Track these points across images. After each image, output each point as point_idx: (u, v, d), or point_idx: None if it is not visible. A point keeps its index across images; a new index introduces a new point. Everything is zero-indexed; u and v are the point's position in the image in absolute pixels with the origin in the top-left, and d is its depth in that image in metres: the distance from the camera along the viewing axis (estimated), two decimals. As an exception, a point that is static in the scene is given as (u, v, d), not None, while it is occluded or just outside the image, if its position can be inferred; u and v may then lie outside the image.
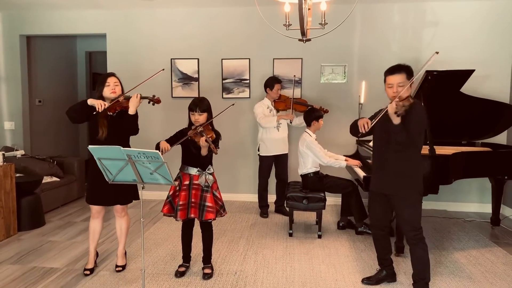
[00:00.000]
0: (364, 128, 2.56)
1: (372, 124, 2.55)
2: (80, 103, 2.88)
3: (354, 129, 2.80)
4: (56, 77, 6.33)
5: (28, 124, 5.56)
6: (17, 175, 4.15)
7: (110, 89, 2.86)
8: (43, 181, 4.51)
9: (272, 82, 4.35)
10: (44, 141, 5.92)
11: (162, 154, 2.62)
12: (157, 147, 2.72)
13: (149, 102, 2.94)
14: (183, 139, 2.73)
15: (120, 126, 2.89)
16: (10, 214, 3.81)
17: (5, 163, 3.78)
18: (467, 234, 3.97)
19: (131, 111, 2.85)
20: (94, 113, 2.77)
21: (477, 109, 3.81)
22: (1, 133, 5.45)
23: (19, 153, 4.56)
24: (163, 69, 3.06)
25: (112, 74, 2.95)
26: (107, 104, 2.79)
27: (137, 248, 3.51)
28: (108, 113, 2.84)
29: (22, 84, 5.42)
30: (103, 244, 3.62)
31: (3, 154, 3.81)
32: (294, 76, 4.75)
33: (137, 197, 3.03)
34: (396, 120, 2.45)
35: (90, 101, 2.81)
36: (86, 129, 6.37)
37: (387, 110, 2.48)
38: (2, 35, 5.34)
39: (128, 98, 2.88)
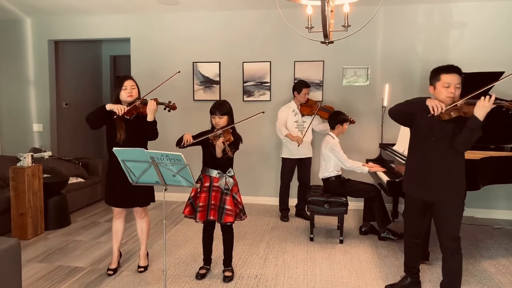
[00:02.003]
0: (437, 110, 2.29)
1: (448, 108, 2.30)
2: (99, 109, 2.84)
3: (407, 109, 2.51)
4: (82, 81, 6.51)
5: (55, 126, 5.74)
6: (45, 175, 4.28)
7: (127, 93, 2.87)
8: (69, 181, 4.63)
9: (300, 86, 4.33)
10: (70, 142, 6.10)
11: (183, 145, 2.71)
12: (181, 139, 2.78)
13: (165, 109, 2.91)
14: (203, 138, 2.78)
15: (137, 129, 2.91)
16: (38, 213, 3.93)
17: (33, 164, 3.90)
18: (496, 242, 3.82)
19: (150, 118, 2.85)
20: (115, 117, 2.77)
21: (506, 112, 3.67)
22: (30, 135, 5.65)
23: (46, 154, 4.71)
24: (179, 71, 3.03)
25: (129, 77, 2.94)
26: (126, 108, 2.79)
27: (159, 249, 3.55)
28: (125, 116, 2.86)
29: (50, 87, 5.60)
30: (126, 244, 3.68)
31: (32, 156, 3.93)
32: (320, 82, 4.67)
33: (154, 199, 3.07)
34: (483, 116, 2.24)
35: (109, 106, 2.80)
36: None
37: (458, 104, 2.29)
38: (31, 40, 5.54)
39: (144, 103, 2.87)
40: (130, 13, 5.20)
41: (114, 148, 2.34)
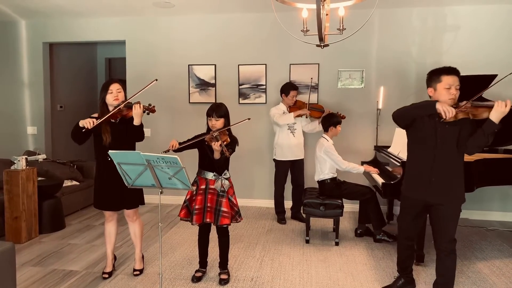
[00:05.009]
0: (447, 116, 2.26)
1: (459, 109, 2.31)
2: (75, 127, 2.81)
3: (413, 113, 2.45)
4: (77, 83, 6.48)
5: (50, 129, 5.71)
6: (39, 178, 4.25)
7: (113, 96, 2.85)
8: (64, 184, 4.61)
9: (287, 88, 4.34)
10: (64, 145, 6.05)
11: (168, 150, 2.70)
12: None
13: (144, 111, 2.85)
14: (196, 140, 2.79)
15: (123, 131, 2.90)
16: (32, 217, 3.90)
17: (27, 167, 3.88)
18: (489, 244, 3.85)
19: (136, 122, 2.82)
20: (83, 131, 2.72)
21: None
22: (24, 137, 5.61)
23: (41, 157, 4.68)
24: (156, 80, 2.98)
25: (115, 81, 2.92)
26: (95, 121, 2.72)
27: (155, 252, 3.53)
28: (111, 120, 2.85)
29: (45, 90, 5.57)
30: (121, 247, 3.66)
31: (26, 158, 3.91)
32: (312, 78, 4.70)
33: (143, 202, 3.06)
34: (498, 120, 2.25)
35: (81, 123, 2.75)
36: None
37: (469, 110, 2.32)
38: (26, 42, 5.51)
39: (129, 107, 2.83)
40: (125, 15, 5.19)
41: (109, 151, 2.34)
